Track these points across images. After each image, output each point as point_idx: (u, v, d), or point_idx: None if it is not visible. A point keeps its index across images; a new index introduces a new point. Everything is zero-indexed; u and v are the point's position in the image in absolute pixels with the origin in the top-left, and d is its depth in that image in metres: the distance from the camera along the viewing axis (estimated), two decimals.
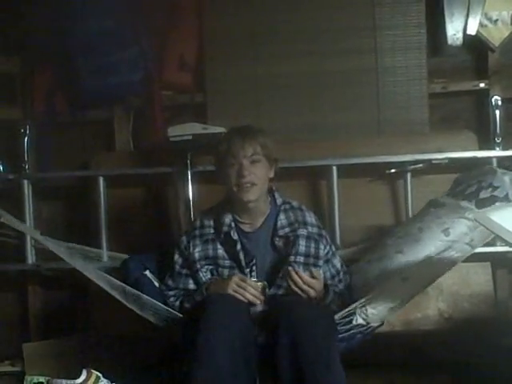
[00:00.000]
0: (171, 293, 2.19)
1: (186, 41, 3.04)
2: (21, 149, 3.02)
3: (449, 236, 2.17)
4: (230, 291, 1.95)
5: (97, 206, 2.88)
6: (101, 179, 2.87)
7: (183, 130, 2.72)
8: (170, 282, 2.21)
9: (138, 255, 2.51)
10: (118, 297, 2.12)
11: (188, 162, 2.78)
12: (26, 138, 3.03)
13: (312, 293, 1.95)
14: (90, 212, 2.97)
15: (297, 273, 1.95)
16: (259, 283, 2.01)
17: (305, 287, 1.94)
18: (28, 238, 2.90)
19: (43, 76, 3.10)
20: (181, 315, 2.06)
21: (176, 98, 3.05)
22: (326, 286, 2.05)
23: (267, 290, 2.02)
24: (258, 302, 1.98)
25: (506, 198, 2.11)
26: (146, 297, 2.09)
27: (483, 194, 2.16)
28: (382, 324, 2.12)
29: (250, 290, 1.96)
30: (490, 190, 2.15)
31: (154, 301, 2.08)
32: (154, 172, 2.91)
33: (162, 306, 2.09)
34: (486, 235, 2.06)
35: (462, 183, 2.35)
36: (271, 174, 2.16)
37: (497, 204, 2.08)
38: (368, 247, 2.57)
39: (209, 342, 1.75)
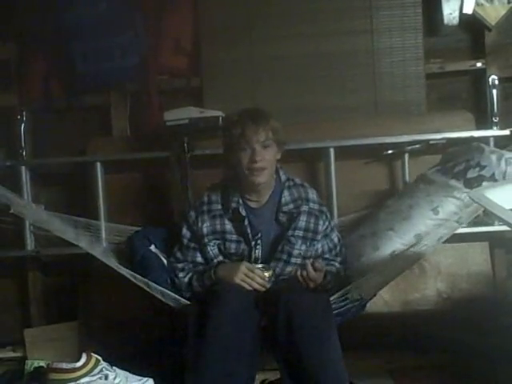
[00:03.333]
0: (180, 265, 2.27)
1: (182, 24, 3.02)
2: (18, 135, 3.03)
3: (438, 214, 2.26)
4: (238, 280, 2.04)
5: (94, 191, 2.88)
6: (98, 165, 2.87)
7: (180, 114, 2.71)
8: (178, 255, 2.29)
9: (143, 230, 2.55)
10: (127, 277, 2.20)
11: (185, 145, 2.76)
12: (22, 125, 3.03)
13: (312, 285, 2.06)
14: (87, 198, 2.97)
15: (308, 268, 2.04)
16: (266, 273, 2.09)
17: (310, 282, 2.05)
18: (27, 224, 2.90)
19: (39, 62, 3.09)
20: (188, 301, 2.15)
21: (172, 82, 3.04)
22: (325, 274, 2.12)
23: (273, 278, 2.12)
24: (264, 289, 2.06)
25: (492, 178, 2.18)
26: (153, 284, 2.16)
27: (471, 174, 2.23)
28: (375, 296, 2.24)
29: (257, 279, 2.06)
30: (478, 169, 2.21)
31: (162, 288, 2.16)
32: (151, 157, 2.91)
33: (170, 293, 2.17)
34: (473, 212, 2.14)
35: (450, 160, 2.38)
36: (279, 156, 2.23)
37: (484, 183, 2.13)
38: (360, 219, 2.63)
39: (217, 328, 1.85)
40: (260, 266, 2.13)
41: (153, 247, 2.38)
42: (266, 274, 2.09)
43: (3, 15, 3.05)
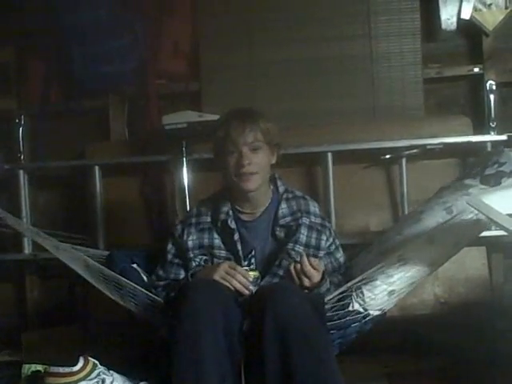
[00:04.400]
0: (161, 283, 2.06)
1: (181, 29, 3.03)
2: (16, 139, 3.03)
3: (451, 213, 2.03)
4: (217, 277, 1.81)
5: (93, 195, 2.89)
6: (96, 168, 2.88)
7: (178, 118, 2.71)
8: (160, 273, 2.09)
9: (124, 250, 2.41)
10: (99, 286, 2.05)
11: (183, 149, 2.78)
12: (20, 128, 3.03)
13: (307, 283, 1.83)
14: (86, 201, 2.97)
15: (304, 261, 1.81)
16: (251, 272, 1.87)
17: (303, 276, 1.82)
18: None
19: (37, 66, 3.11)
20: (161, 300, 1.93)
21: (171, 86, 3.05)
22: (323, 276, 1.88)
23: (259, 280, 1.90)
24: (247, 292, 1.83)
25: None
26: (125, 280, 1.97)
27: (489, 171, 2.07)
28: (384, 314, 1.97)
29: (238, 277, 1.82)
30: (496, 165, 2.05)
31: (134, 284, 1.95)
32: (150, 160, 2.92)
33: (142, 289, 1.95)
34: None
35: (467, 168, 2.30)
36: (273, 160, 2.03)
37: (503, 180, 1.99)
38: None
39: (190, 329, 1.62)
40: (246, 268, 1.90)
41: (135, 265, 2.24)
42: (251, 274, 1.86)
43: (2, 18, 3.06)
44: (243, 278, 1.82)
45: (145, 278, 2.17)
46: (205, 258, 2.01)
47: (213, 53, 2.99)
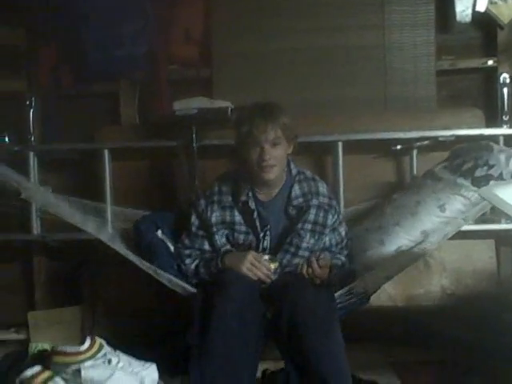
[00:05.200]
0: (187, 252, 2.28)
1: (193, 14, 3.03)
2: (26, 121, 3.03)
3: (445, 212, 2.27)
4: (244, 269, 2.07)
5: (102, 178, 2.88)
6: (106, 152, 2.87)
7: (189, 104, 2.71)
8: (186, 241, 2.30)
9: (150, 214, 2.55)
10: (134, 262, 2.25)
11: (193, 135, 2.77)
12: (31, 111, 3.03)
13: (318, 282, 2.12)
14: (95, 185, 2.97)
15: (314, 266, 2.11)
16: (272, 264, 2.11)
17: (315, 278, 2.11)
18: (34, 208, 2.91)
19: (48, 48, 3.10)
20: (194, 289, 2.17)
21: (182, 71, 3.04)
22: (330, 268, 2.16)
23: (278, 270, 2.14)
24: (269, 280, 2.10)
25: (500, 177, 2.19)
26: (161, 271, 2.20)
27: (479, 172, 2.23)
28: (378, 289, 2.25)
29: (263, 269, 2.08)
30: (486, 168, 2.22)
31: (168, 275, 2.20)
32: (159, 146, 2.91)
33: (177, 280, 2.20)
34: (478, 211, 2.19)
35: (459, 156, 2.37)
36: (290, 151, 2.22)
37: (491, 182, 2.14)
38: (366, 212, 2.63)
39: (222, 317, 1.88)
40: (267, 257, 2.14)
41: (159, 233, 2.38)
42: (272, 266, 2.11)
43: (14, 1, 3.05)
44: (266, 270, 2.09)
45: (171, 247, 2.36)
46: (226, 232, 2.24)
47: (224, 39, 2.99)
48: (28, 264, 3.12)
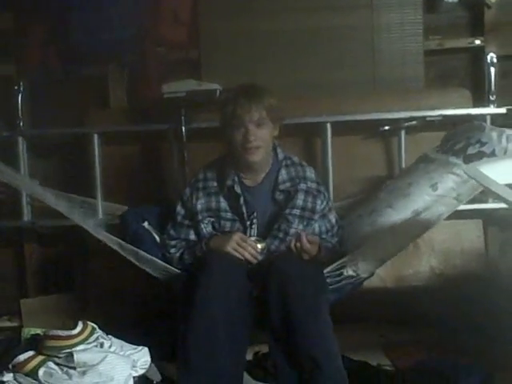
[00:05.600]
0: (172, 242, 2.24)
1: None
2: (15, 106, 3.01)
3: (436, 191, 2.23)
4: (230, 249, 2.02)
5: (91, 163, 2.88)
6: (95, 136, 2.87)
7: (177, 87, 2.70)
8: (171, 232, 2.26)
9: (136, 208, 2.54)
10: (116, 248, 2.20)
11: (182, 118, 2.77)
12: (20, 95, 3.02)
13: (306, 257, 2.05)
14: (85, 169, 2.97)
15: (302, 239, 2.04)
16: (259, 244, 2.07)
17: (304, 253, 2.05)
18: (24, 195, 2.91)
19: (37, 32, 3.08)
20: (178, 270, 2.14)
21: (170, 54, 3.02)
22: (320, 248, 2.11)
23: (265, 250, 2.09)
24: (255, 261, 2.04)
25: (492, 154, 2.16)
26: (143, 253, 2.16)
27: (471, 150, 2.21)
28: (372, 275, 2.21)
29: (249, 249, 2.03)
30: (478, 145, 2.20)
31: (152, 257, 2.16)
32: (149, 129, 2.91)
33: (160, 262, 2.17)
34: (472, 190, 2.12)
35: (451, 139, 2.37)
36: (276, 133, 2.19)
37: (483, 159, 2.11)
38: (360, 200, 2.61)
39: (206, 295, 1.83)
40: (253, 238, 2.10)
41: (146, 224, 2.36)
42: (259, 246, 2.06)
43: None
44: (253, 250, 2.04)
45: (157, 238, 2.34)
46: (212, 219, 2.18)
47: (213, 21, 2.97)
48: (19, 251, 3.12)
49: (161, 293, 2.46)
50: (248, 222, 2.16)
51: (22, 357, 1.85)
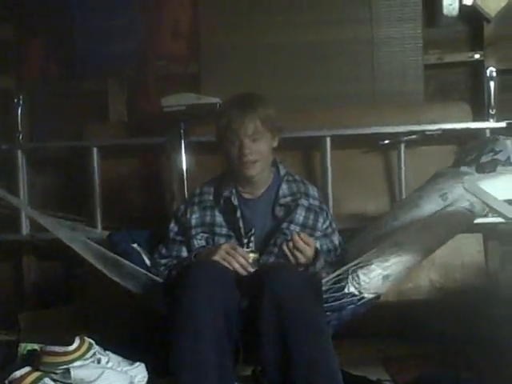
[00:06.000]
0: (163, 261, 2.12)
1: (180, 9, 3.02)
2: (14, 119, 3.02)
3: (446, 200, 2.08)
4: (218, 258, 1.85)
5: (91, 176, 2.88)
6: (95, 150, 2.88)
7: (177, 100, 2.70)
8: (163, 251, 2.15)
9: (125, 230, 2.46)
10: (99, 266, 2.12)
11: (181, 132, 2.77)
12: (19, 108, 3.02)
13: (302, 259, 1.88)
14: (84, 183, 2.97)
15: (295, 237, 1.87)
16: (251, 254, 1.90)
17: (297, 252, 1.87)
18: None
19: (37, 45, 3.09)
20: (161, 280, 1.99)
21: (170, 67, 3.03)
22: (317, 252, 1.94)
23: (260, 261, 1.93)
24: (245, 273, 1.86)
25: (507, 162, 2.07)
26: (124, 261, 2.05)
27: (484, 159, 2.11)
28: (379, 297, 2.04)
29: (238, 259, 1.85)
30: (492, 154, 2.09)
31: (133, 265, 2.04)
32: (148, 142, 2.91)
33: (142, 270, 2.04)
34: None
35: (463, 153, 2.31)
36: (275, 144, 2.10)
37: (498, 168, 2.03)
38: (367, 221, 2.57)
39: (190, 307, 1.68)
40: (247, 249, 1.94)
41: (135, 245, 2.29)
42: (251, 255, 1.88)
43: None
44: (242, 260, 1.85)
45: (146, 260, 2.23)
46: (206, 235, 2.07)
47: (213, 35, 2.98)
48: (18, 264, 3.11)
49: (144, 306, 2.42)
50: (245, 240, 2.05)
51: (18, 373, 1.83)
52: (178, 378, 1.64)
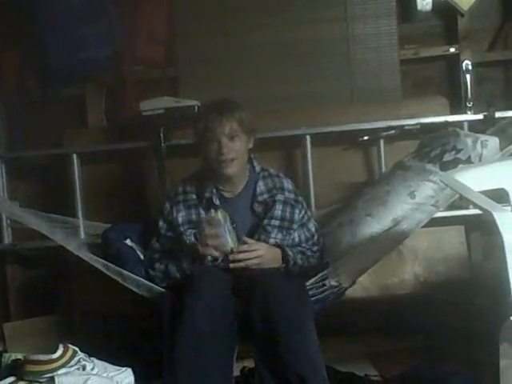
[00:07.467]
0: (157, 256, 2.25)
1: (156, 14, 3.02)
2: None
3: (415, 199, 2.27)
4: (202, 250, 2.05)
5: (71, 183, 2.87)
6: (74, 156, 2.86)
7: (155, 104, 2.71)
8: (156, 246, 2.27)
9: (118, 225, 2.51)
10: (100, 268, 2.19)
11: (161, 136, 2.77)
12: None
13: (255, 262, 2.06)
14: (65, 190, 2.95)
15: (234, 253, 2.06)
16: (219, 213, 2.03)
17: (245, 262, 2.05)
18: (4, 218, 2.88)
19: (12, 54, 3.07)
20: (163, 289, 2.11)
21: (148, 72, 3.03)
22: (280, 247, 2.15)
23: (228, 217, 2.06)
24: (228, 248, 2.04)
25: (468, 160, 2.20)
26: (128, 273, 2.15)
27: (447, 157, 2.25)
28: (354, 284, 2.20)
29: (210, 242, 2.03)
30: (454, 152, 2.23)
31: (136, 277, 2.15)
32: (128, 147, 2.90)
33: (144, 281, 2.15)
34: (450, 196, 2.16)
35: (426, 146, 2.39)
36: (250, 145, 2.24)
37: (460, 166, 2.13)
38: (339, 208, 2.62)
39: (193, 313, 1.82)
40: (211, 212, 2.08)
41: (128, 241, 2.35)
42: (219, 214, 2.02)
43: None
44: (213, 241, 2.02)
45: (140, 255, 2.34)
46: (194, 231, 2.18)
47: (189, 38, 2.97)
48: (1, 273, 3.09)
49: (144, 312, 2.44)
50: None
51: (2, 383, 1.83)
52: (179, 377, 1.76)
